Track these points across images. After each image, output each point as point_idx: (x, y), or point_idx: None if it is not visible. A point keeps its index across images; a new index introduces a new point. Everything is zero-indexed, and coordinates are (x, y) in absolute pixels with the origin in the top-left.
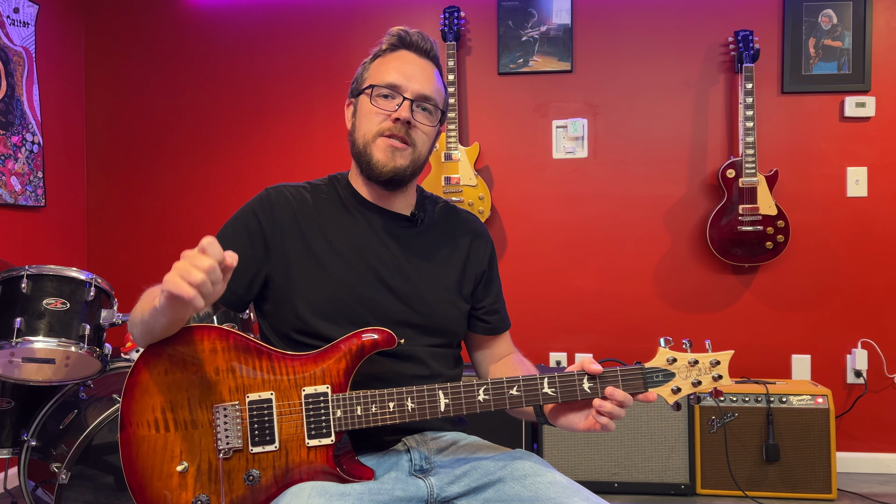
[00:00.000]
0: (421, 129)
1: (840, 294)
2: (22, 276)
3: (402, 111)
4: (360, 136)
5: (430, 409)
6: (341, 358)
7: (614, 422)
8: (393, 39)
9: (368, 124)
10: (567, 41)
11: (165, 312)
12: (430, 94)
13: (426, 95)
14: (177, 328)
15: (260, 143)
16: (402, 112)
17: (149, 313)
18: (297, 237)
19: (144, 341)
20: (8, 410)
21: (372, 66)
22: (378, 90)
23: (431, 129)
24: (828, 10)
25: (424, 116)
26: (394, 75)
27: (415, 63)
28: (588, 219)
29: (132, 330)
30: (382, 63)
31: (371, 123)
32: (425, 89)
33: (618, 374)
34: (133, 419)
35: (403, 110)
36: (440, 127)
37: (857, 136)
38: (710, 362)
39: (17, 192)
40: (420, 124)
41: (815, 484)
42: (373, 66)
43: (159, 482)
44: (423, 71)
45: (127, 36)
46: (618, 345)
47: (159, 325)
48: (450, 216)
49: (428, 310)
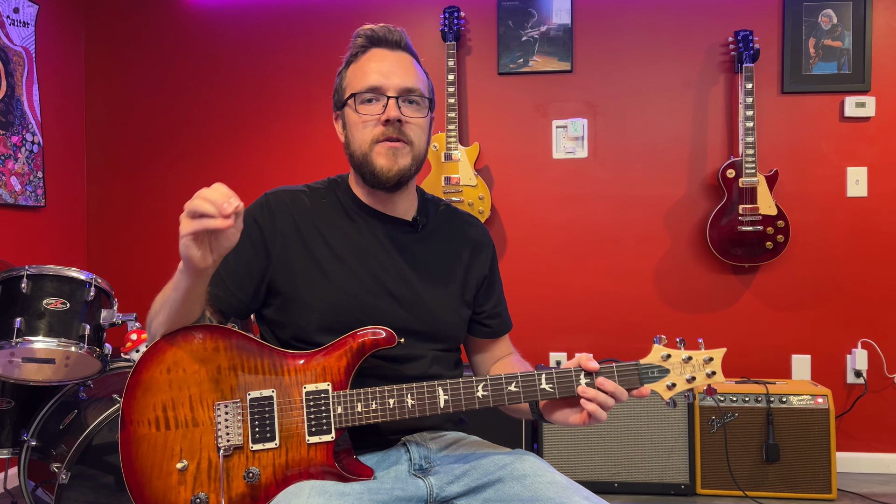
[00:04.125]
0: (413, 122)
1: (840, 294)
2: (22, 276)
3: (390, 111)
4: (356, 149)
5: (430, 406)
6: (342, 356)
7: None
8: (362, 41)
9: (361, 135)
10: (567, 41)
11: (186, 259)
12: (412, 86)
13: (409, 88)
14: (197, 303)
15: (260, 142)
16: (391, 112)
17: (172, 285)
18: (299, 244)
19: (164, 326)
20: (8, 410)
21: (348, 74)
22: (360, 97)
23: (423, 119)
24: (828, 10)
25: (413, 109)
26: (371, 77)
27: (389, 58)
28: (588, 219)
29: (151, 323)
30: (357, 68)
31: (364, 133)
32: (406, 82)
33: (614, 370)
34: (134, 417)
35: (391, 110)
36: (432, 114)
37: (857, 136)
38: (704, 359)
39: (17, 192)
40: (411, 118)
41: (815, 484)
42: (349, 74)
43: (158, 480)
44: (400, 63)
45: (127, 36)
46: (618, 345)
47: (180, 292)
48: (452, 220)
49: (430, 316)
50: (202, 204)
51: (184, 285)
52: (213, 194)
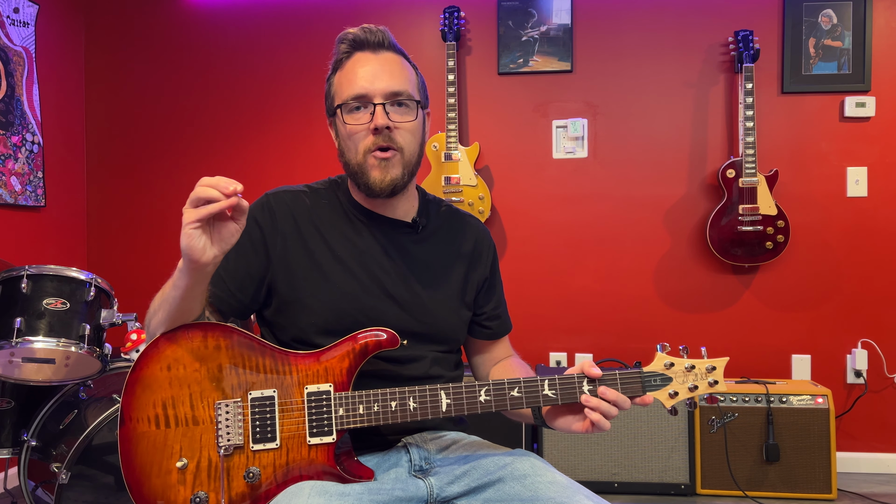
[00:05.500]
0: (403, 127)
1: (840, 294)
2: (22, 276)
3: (378, 118)
4: (350, 159)
5: (432, 409)
6: (344, 357)
7: (612, 422)
8: (344, 46)
9: (353, 146)
10: (567, 41)
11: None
12: (399, 89)
13: (395, 91)
14: (196, 301)
15: (260, 142)
16: (378, 119)
17: (171, 283)
18: (299, 246)
19: (163, 324)
20: (8, 410)
21: (335, 81)
22: (347, 106)
23: (413, 123)
24: (828, 10)
25: (402, 112)
26: (356, 84)
27: (372, 62)
28: (588, 219)
29: (150, 321)
30: (342, 75)
31: (355, 144)
32: (392, 85)
33: (616, 378)
34: (133, 415)
35: (378, 118)
36: (425, 111)
37: (857, 136)
38: (707, 368)
39: (17, 192)
40: (400, 123)
41: (815, 484)
42: (335, 81)
43: (158, 479)
44: (384, 66)
45: (127, 36)
46: (618, 345)
47: (179, 290)
48: (452, 221)
49: (430, 318)
50: (206, 190)
51: (183, 283)
52: (214, 179)
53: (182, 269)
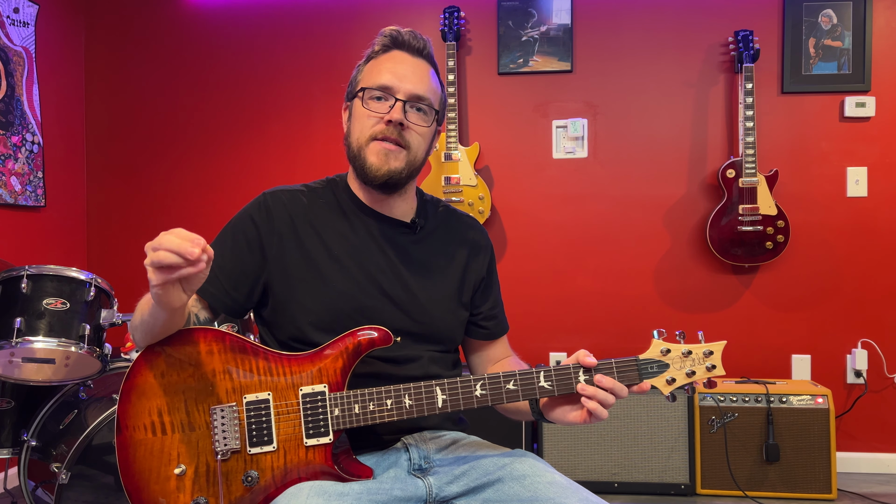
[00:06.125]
0: (415, 129)
1: (840, 294)
2: (22, 276)
3: (395, 113)
4: (353, 140)
5: (428, 406)
6: (338, 357)
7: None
8: (385, 40)
9: (361, 128)
10: (567, 41)
11: (160, 302)
12: (423, 94)
13: (419, 95)
14: (177, 324)
15: (260, 143)
16: (395, 114)
17: (148, 311)
18: (295, 245)
19: (146, 342)
20: (8, 410)
21: (365, 69)
22: (370, 92)
23: (426, 129)
24: (828, 10)
25: (418, 117)
26: (385, 76)
27: (407, 63)
28: (588, 219)
29: (134, 334)
30: (375, 65)
31: (364, 127)
32: (418, 89)
33: (613, 366)
34: (129, 423)
35: (396, 112)
36: (438, 126)
37: (857, 136)
38: (704, 353)
39: (17, 192)
40: (414, 125)
41: (815, 484)
42: (366, 69)
43: (157, 486)
44: (416, 70)
45: (127, 36)
46: (618, 345)
47: (159, 321)
48: (450, 221)
49: (427, 318)
50: (167, 256)
51: (161, 317)
52: (175, 242)
53: (156, 306)
